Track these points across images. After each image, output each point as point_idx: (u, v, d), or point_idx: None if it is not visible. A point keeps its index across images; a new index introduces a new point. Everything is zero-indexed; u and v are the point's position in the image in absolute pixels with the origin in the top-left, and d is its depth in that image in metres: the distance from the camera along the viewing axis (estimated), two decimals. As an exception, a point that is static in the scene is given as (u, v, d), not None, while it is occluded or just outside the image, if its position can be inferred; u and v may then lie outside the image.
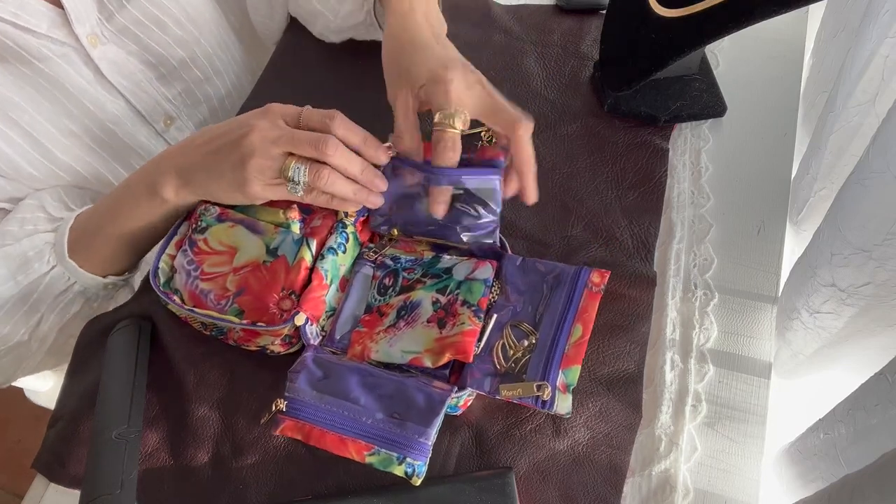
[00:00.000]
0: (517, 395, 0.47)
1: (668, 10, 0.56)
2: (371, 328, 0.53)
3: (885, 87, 0.48)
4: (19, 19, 0.58)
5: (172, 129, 0.75)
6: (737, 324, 0.56)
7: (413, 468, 0.44)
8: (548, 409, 0.46)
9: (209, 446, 0.52)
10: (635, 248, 0.58)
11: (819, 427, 0.46)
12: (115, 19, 0.65)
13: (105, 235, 0.57)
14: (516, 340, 0.50)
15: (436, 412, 0.45)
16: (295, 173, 0.49)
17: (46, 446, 0.54)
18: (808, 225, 0.61)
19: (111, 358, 0.54)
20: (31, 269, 0.58)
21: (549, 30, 0.74)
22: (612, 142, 0.65)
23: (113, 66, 0.66)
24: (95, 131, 0.67)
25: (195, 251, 0.54)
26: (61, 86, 0.62)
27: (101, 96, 0.66)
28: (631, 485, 0.50)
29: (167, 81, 0.72)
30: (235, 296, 0.52)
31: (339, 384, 0.48)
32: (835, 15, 0.66)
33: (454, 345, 0.49)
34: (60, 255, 0.58)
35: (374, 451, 0.45)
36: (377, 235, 0.59)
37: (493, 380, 0.48)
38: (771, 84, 0.69)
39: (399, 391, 0.47)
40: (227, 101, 0.82)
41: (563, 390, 0.47)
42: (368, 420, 0.46)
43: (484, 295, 0.52)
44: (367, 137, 0.52)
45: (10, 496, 1.41)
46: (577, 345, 0.48)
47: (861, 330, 0.48)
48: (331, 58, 0.76)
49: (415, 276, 0.56)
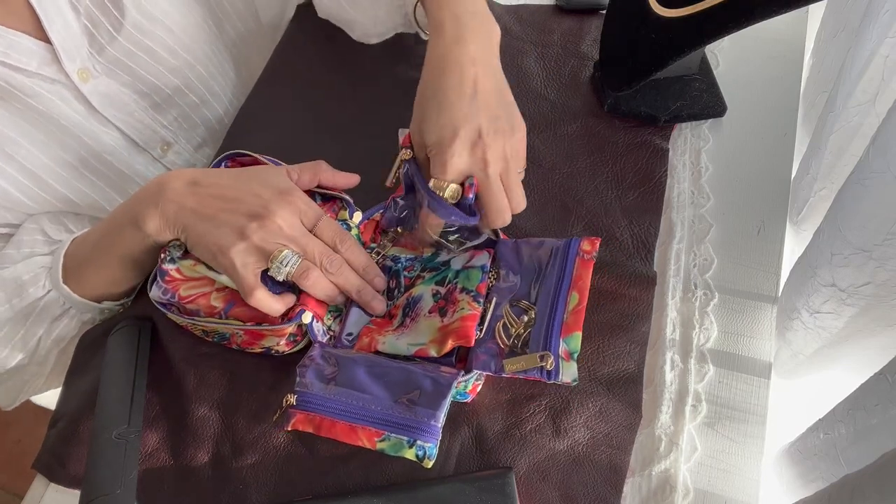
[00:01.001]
0: (521, 368, 0.47)
1: (668, 10, 0.56)
2: (380, 328, 0.54)
3: (885, 87, 0.48)
4: (9, 58, 0.57)
5: (170, 154, 0.74)
6: (737, 324, 0.56)
7: (424, 451, 0.44)
8: (553, 378, 0.46)
9: (209, 446, 0.52)
10: (635, 248, 0.58)
11: (819, 427, 0.46)
12: (106, 52, 0.64)
13: (95, 262, 0.57)
14: (516, 317, 0.51)
15: (443, 394, 0.46)
16: (285, 260, 0.49)
17: (47, 446, 0.54)
18: (808, 225, 0.61)
19: (111, 358, 0.54)
20: (25, 293, 0.57)
21: (549, 30, 0.74)
22: (612, 142, 0.65)
23: (105, 99, 0.65)
24: (91, 162, 0.66)
25: (167, 280, 0.53)
26: (55, 120, 0.62)
27: (95, 128, 0.65)
28: (631, 485, 0.50)
29: (162, 109, 0.72)
30: (226, 310, 0.52)
31: (347, 375, 0.48)
32: (835, 15, 0.66)
33: (455, 331, 0.50)
34: (55, 281, 0.57)
35: (384, 436, 0.45)
36: (378, 234, 0.60)
37: (497, 359, 0.49)
38: (771, 84, 0.69)
39: (406, 378, 0.47)
40: (227, 119, 0.80)
41: (567, 358, 0.46)
42: (377, 407, 0.46)
43: (482, 280, 0.53)
44: (369, 266, 0.54)
45: (10, 496, 1.41)
46: (575, 312, 0.48)
47: (861, 330, 0.48)
48: (331, 57, 0.76)
49: (415, 273, 0.56)
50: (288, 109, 0.73)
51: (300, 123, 0.71)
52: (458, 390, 0.49)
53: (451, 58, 0.51)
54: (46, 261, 0.58)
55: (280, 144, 0.69)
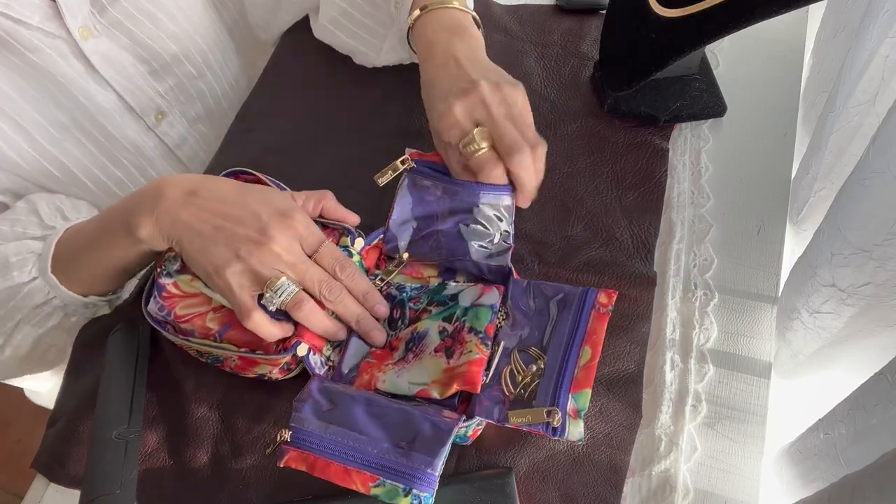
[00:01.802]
0: (527, 423, 0.45)
1: (668, 10, 0.56)
2: (381, 360, 0.52)
3: (885, 87, 0.48)
4: (11, 10, 0.57)
5: (164, 124, 0.75)
6: (737, 324, 0.56)
7: (419, 500, 0.43)
8: (559, 436, 0.44)
9: (209, 446, 0.52)
10: (635, 248, 0.58)
11: (819, 427, 0.46)
12: (107, 13, 0.65)
13: (83, 258, 0.56)
14: (524, 366, 0.49)
15: (442, 442, 0.44)
16: (280, 289, 0.48)
17: (45, 446, 0.54)
18: (808, 225, 0.61)
19: (111, 358, 0.54)
20: (9, 275, 0.56)
21: (549, 30, 0.74)
22: (612, 142, 0.65)
23: (104, 59, 0.66)
24: (84, 123, 0.66)
25: (164, 296, 0.52)
26: (51, 76, 0.62)
27: (92, 88, 0.66)
28: (631, 485, 0.50)
29: (159, 76, 0.72)
30: (221, 333, 0.51)
31: (344, 413, 0.46)
32: (835, 15, 0.66)
33: (462, 375, 0.48)
34: (43, 269, 0.56)
35: (379, 482, 0.44)
36: (383, 260, 0.58)
37: (501, 407, 0.47)
38: (771, 84, 0.69)
39: (405, 420, 0.46)
40: (224, 102, 0.81)
41: (574, 415, 0.45)
42: (374, 450, 0.45)
43: (491, 321, 0.51)
44: (370, 294, 0.53)
45: (10, 496, 1.41)
46: (586, 368, 0.47)
47: (861, 330, 0.48)
48: (331, 58, 0.76)
49: (421, 305, 0.55)
50: (288, 109, 0.73)
51: (300, 123, 0.71)
52: (459, 435, 0.48)
53: (431, 58, 0.58)
54: (37, 246, 0.57)
55: (280, 144, 0.69)
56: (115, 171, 0.71)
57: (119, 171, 0.71)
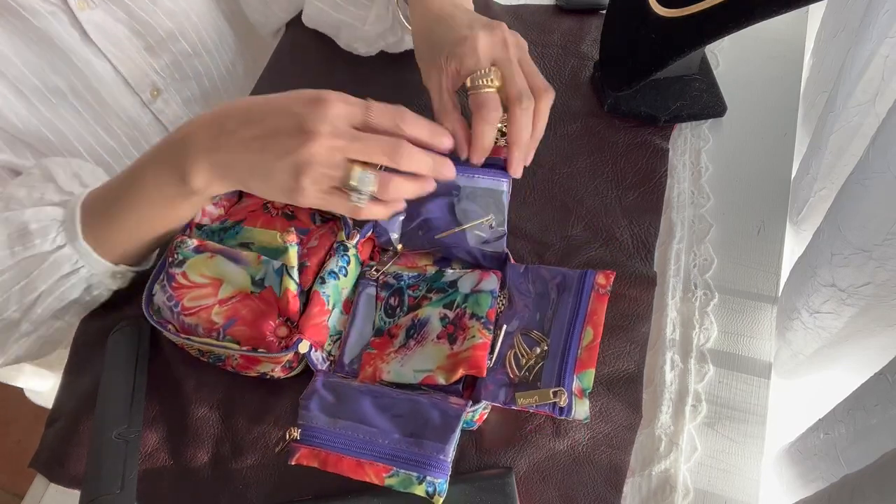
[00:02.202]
0: (534, 403, 0.46)
1: (668, 10, 0.56)
2: (382, 350, 0.53)
3: (885, 87, 0.48)
4: None
5: (159, 101, 0.75)
6: (737, 324, 0.56)
7: (434, 486, 0.43)
8: (565, 415, 0.45)
9: (209, 446, 0.52)
10: (635, 248, 0.58)
11: (819, 427, 0.46)
12: None
13: (121, 220, 0.53)
14: (528, 348, 0.50)
15: (452, 428, 0.45)
16: (362, 183, 0.45)
17: (45, 445, 0.54)
18: (808, 225, 0.61)
19: (111, 358, 0.54)
20: (31, 243, 0.53)
21: (549, 30, 0.74)
22: (612, 142, 0.65)
23: (99, 30, 0.67)
24: (80, 90, 0.67)
25: (173, 286, 0.52)
26: (49, 40, 0.63)
27: (88, 56, 0.67)
28: (631, 485, 0.50)
29: (154, 52, 0.73)
30: (226, 328, 0.50)
31: (352, 407, 0.47)
32: (835, 15, 0.66)
33: (467, 360, 0.49)
34: (72, 236, 0.53)
35: (392, 472, 0.44)
36: (377, 252, 0.59)
37: (507, 390, 0.48)
38: (771, 84, 0.69)
39: (413, 410, 0.46)
40: (220, 84, 0.82)
41: (580, 395, 0.46)
42: (385, 441, 0.45)
43: (491, 306, 0.52)
44: (433, 130, 0.49)
45: (10, 496, 1.41)
46: (589, 348, 0.48)
47: (861, 330, 0.48)
48: (332, 57, 0.76)
49: (420, 292, 0.55)
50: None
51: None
52: (466, 419, 0.48)
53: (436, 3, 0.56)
54: (58, 213, 0.54)
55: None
56: (108, 140, 0.72)
57: (113, 141, 0.72)
